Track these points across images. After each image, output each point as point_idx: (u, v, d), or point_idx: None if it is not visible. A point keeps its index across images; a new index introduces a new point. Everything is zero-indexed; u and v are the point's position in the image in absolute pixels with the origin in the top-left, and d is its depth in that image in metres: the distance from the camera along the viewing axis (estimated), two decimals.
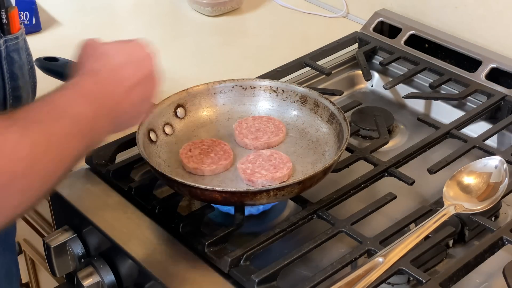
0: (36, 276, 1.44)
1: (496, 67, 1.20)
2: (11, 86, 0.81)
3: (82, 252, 1.00)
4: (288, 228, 0.91)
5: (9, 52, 0.81)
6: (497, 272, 0.87)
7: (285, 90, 1.07)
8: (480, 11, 1.27)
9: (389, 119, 1.15)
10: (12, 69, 0.81)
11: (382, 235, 0.89)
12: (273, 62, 1.24)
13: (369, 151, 1.04)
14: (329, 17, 1.48)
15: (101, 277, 0.95)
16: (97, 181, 1.02)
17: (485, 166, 0.97)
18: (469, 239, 0.94)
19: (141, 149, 0.94)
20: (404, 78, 1.22)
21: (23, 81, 0.83)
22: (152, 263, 0.90)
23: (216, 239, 0.89)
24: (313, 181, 0.92)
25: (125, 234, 0.94)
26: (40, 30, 1.42)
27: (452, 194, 0.94)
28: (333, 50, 1.29)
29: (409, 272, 0.84)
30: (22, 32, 0.83)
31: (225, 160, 0.98)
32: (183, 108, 1.06)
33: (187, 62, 1.34)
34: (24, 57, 0.84)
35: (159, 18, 1.51)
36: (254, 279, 0.83)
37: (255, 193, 0.88)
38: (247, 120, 1.05)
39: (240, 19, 1.49)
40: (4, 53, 0.80)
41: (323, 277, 0.84)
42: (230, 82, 1.08)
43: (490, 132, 1.09)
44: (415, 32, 1.30)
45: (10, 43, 0.81)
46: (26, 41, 0.85)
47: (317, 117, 1.04)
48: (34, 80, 0.88)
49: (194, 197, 0.93)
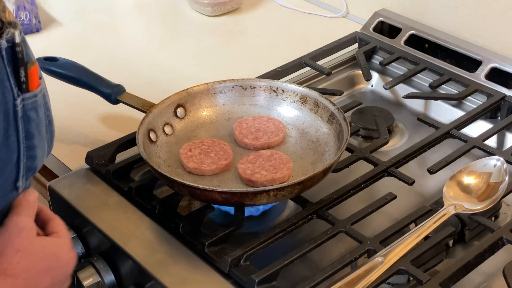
0: None
1: (496, 67, 1.20)
2: (26, 145, 0.75)
3: (82, 252, 1.00)
4: (288, 228, 0.91)
5: (26, 111, 0.74)
6: (497, 272, 0.87)
7: (285, 90, 1.07)
8: (480, 11, 1.27)
9: (389, 119, 1.15)
10: (28, 128, 0.74)
11: (382, 235, 0.89)
12: (273, 62, 1.24)
13: (369, 151, 1.04)
14: (329, 17, 1.48)
15: (101, 277, 0.95)
16: (97, 181, 1.02)
17: (485, 166, 0.97)
18: (469, 239, 0.94)
19: (141, 149, 0.94)
20: (404, 78, 1.22)
21: (39, 138, 0.77)
22: (152, 263, 0.90)
23: (216, 239, 0.89)
24: (313, 182, 0.92)
25: (125, 234, 0.94)
26: (40, 30, 1.42)
27: (452, 194, 0.94)
28: (333, 50, 1.29)
29: (409, 272, 0.84)
30: (41, 88, 0.76)
31: (225, 160, 0.98)
32: (183, 108, 1.06)
33: (187, 62, 1.34)
34: (42, 113, 0.77)
35: (159, 18, 1.51)
36: (254, 279, 0.83)
37: (255, 193, 0.88)
38: (247, 120, 1.05)
39: (240, 19, 1.49)
40: (20, 112, 0.73)
41: (323, 277, 0.84)
42: (230, 82, 1.08)
43: (490, 132, 1.09)
44: (415, 32, 1.30)
45: (27, 102, 0.74)
46: (46, 95, 0.78)
47: (317, 117, 1.04)
48: (52, 134, 0.81)
49: (194, 197, 0.93)
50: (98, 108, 1.16)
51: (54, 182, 1.03)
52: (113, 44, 1.40)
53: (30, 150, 0.75)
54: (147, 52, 1.38)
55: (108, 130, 1.13)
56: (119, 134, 1.07)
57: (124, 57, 1.35)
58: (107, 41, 1.41)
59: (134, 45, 1.40)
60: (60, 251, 0.76)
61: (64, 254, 0.76)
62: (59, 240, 0.76)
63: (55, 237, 0.76)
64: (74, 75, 1.10)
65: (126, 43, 1.41)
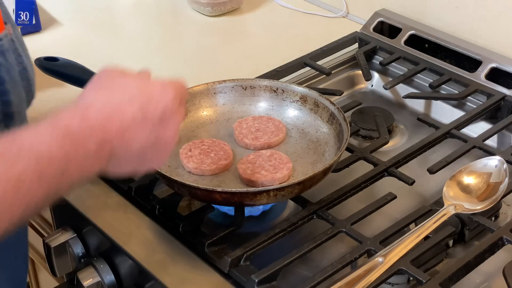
0: (36, 276, 1.44)
1: (496, 67, 1.20)
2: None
3: (82, 252, 1.00)
4: (288, 228, 0.91)
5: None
6: (497, 272, 0.87)
7: (285, 90, 1.07)
8: (480, 11, 1.27)
9: (389, 119, 1.15)
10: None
11: (382, 235, 0.89)
12: (273, 62, 1.24)
13: (369, 151, 1.04)
14: (329, 17, 1.48)
15: (101, 277, 0.95)
16: (97, 181, 1.02)
17: (485, 166, 0.97)
18: (469, 239, 0.94)
19: None
20: (404, 78, 1.22)
21: (11, 84, 0.77)
22: (152, 263, 0.90)
23: (216, 239, 0.89)
24: (313, 182, 0.92)
25: (125, 234, 0.94)
26: (40, 30, 1.42)
27: (452, 194, 0.94)
28: (333, 50, 1.29)
29: (409, 272, 0.84)
30: (7, 32, 0.76)
31: (225, 160, 0.98)
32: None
33: (187, 62, 1.34)
34: (13, 59, 0.77)
35: (159, 18, 1.51)
36: (254, 279, 0.83)
37: (255, 193, 0.88)
38: (247, 120, 1.05)
39: (240, 19, 1.49)
40: None
41: (323, 277, 0.84)
42: (230, 82, 1.08)
43: (490, 132, 1.09)
44: (415, 32, 1.30)
45: None
46: (16, 40, 0.77)
47: (317, 117, 1.04)
48: (29, 81, 0.81)
49: (194, 197, 0.93)
50: None
51: None
52: (113, 44, 1.40)
53: (3, 95, 0.74)
54: (147, 52, 1.38)
55: None
56: None
57: (124, 57, 1.35)
58: (107, 41, 1.41)
59: (134, 45, 1.40)
60: (151, 87, 0.72)
61: (154, 89, 0.72)
62: (155, 82, 0.73)
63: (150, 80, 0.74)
64: (74, 75, 1.10)
65: (126, 43, 1.41)
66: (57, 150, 0.63)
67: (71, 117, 0.66)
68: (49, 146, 0.62)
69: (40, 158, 0.61)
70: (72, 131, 0.64)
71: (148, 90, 0.71)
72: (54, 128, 0.64)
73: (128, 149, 0.69)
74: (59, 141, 0.63)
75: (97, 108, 0.68)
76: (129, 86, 0.71)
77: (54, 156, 0.62)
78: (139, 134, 0.69)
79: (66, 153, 0.63)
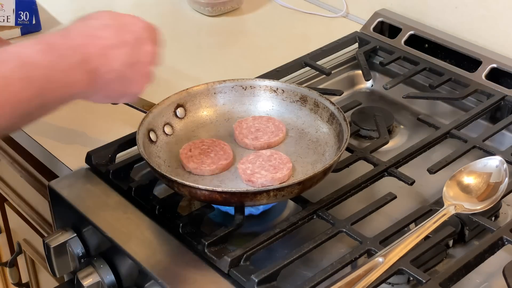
0: (36, 276, 1.44)
1: (496, 67, 1.20)
2: None
3: (82, 252, 1.00)
4: (288, 228, 0.91)
5: None
6: (497, 272, 0.87)
7: (285, 90, 1.07)
8: (480, 11, 1.27)
9: (389, 119, 1.15)
10: None
11: (382, 235, 0.89)
12: (273, 62, 1.24)
13: (369, 151, 1.04)
14: (329, 17, 1.48)
15: (101, 277, 0.95)
16: (97, 181, 1.02)
17: (485, 166, 0.97)
18: (469, 239, 0.94)
19: (141, 149, 0.94)
20: (404, 78, 1.22)
21: None
22: (152, 263, 0.90)
23: (216, 239, 0.89)
24: (313, 182, 0.92)
25: (125, 234, 0.94)
26: (40, 30, 1.42)
27: (452, 194, 0.94)
28: (333, 50, 1.29)
29: (409, 272, 0.84)
30: None
31: (225, 160, 0.98)
32: (183, 108, 1.06)
33: (187, 62, 1.34)
34: None
35: (159, 18, 1.51)
36: (254, 279, 0.83)
37: (255, 193, 0.88)
38: (247, 120, 1.05)
39: (240, 19, 1.49)
40: None
41: (323, 277, 0.84)
42: (230, 82, 1.08)
43: (490, 132, 1.09)
44: (415, 32, 1.30)
45: None
46: None
47: (317, 117, 1.04)
48: None
49: (194, 197, 0.93)
50: (98, 108, 1.16)
51: (54, 182, 1.03)
52: None
53: None
54: None
55: (108, 130, 1.13)
56: (119, 134, 1.07)
57: None
58: None
59: None
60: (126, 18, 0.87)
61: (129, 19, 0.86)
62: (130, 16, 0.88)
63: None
64: None
65: None
66: (42, 58, 0.70)
67: (54, 36, 0.75)
68: (34, 54, 0.70)
69: (25, 62, 0.68)
70: (55, 46, 0.73)
71: (121, 19, 0.85)
72: (38, 43, 0.72)
73: (109, 68, 0.79)
74: (44, 52, 0.71)
75: (77, 32, 0.78)
76: (104, 16, 0.84)
77: (39, 62, 0.69)
78: (117, 54, 0.80)
79: (50, 62, 0.70)
